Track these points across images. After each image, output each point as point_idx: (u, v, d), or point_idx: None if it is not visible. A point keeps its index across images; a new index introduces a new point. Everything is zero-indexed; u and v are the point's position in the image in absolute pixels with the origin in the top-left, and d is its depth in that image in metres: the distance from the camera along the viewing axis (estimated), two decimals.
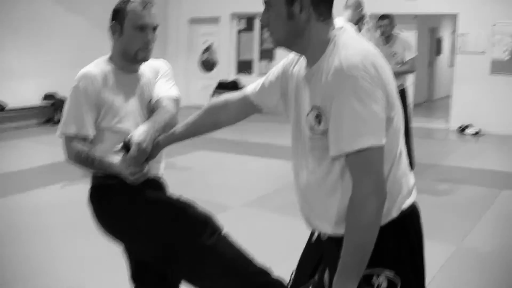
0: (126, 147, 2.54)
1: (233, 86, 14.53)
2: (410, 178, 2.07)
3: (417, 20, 14.14)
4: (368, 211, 1.81)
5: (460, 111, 12.06)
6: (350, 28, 2.04)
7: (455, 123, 12.15)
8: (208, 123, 2.55)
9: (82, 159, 2.69)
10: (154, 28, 2.80)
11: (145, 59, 2.82)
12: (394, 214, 1.97)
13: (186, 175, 7.73)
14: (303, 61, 2.10)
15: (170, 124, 2.72)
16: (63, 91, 12.54)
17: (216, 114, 2.51)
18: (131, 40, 2.75)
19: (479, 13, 11.68)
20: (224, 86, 14.51)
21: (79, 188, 6.88)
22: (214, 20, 14.91)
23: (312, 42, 1.97)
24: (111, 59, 2.86)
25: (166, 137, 2.64)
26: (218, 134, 2.57)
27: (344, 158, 1.88)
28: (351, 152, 1.82)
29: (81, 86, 2.71)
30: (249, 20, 14.91)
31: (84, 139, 2.73)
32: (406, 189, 2.03)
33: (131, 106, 2.82)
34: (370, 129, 1.81)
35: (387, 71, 1.90)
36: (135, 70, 2.88)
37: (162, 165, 2.93)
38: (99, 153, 2.70)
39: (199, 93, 15.27)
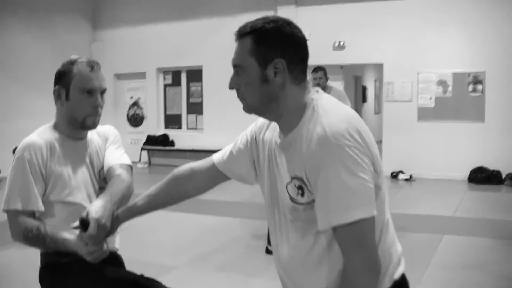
0: (83, 223, 2.27)
1: (163, 140, 14.30)
2: (398, 246, 1.95)
3: (343, 70, 14.37)
4: None
5: (391, 157, 12.20)
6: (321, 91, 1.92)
7: (387, 169, 12.29)
8: (172, 194, 2.34)
9: (31, 237, 2.42)
10: (103, 92, 2.60)
11: (94, 125, 2.61)
12: (387, 285, 1.83)
13: (123, 236, 7.34)
14: (275, 126, 1.96)
15: (127, 195, 2.51)
16: None
17: (182, 185, 2.31)
18: (79, 105, 2.54)
19: (403, 62, 11.96)
20: (154, 140, 14.27)
21: (11, 253, 6.62)
22: (140, 75, 14.73)
23: (288, 108, 1.84)
24: (55, 126, 2.64)
25: (125, 211, 2.40)
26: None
27: (330, 230, 1.74)
28: (341, 225, 1.68)
29: (25, 157, 2.47)
30: (175, 75, 14.80)
31: (32, 214, 2.47)
32: (396, 257, 1.90)
33: (82, 176, 2.60)
34: (360, 200, 1.67)
35: (370, 135, 1.79)
36: (83, 137, 2.67)
37: (118, 238, 2.70)
38: (50, 228, 2.43)
39: (129, 147, 14.94)
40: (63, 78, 2.57)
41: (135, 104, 15.10)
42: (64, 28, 14.44)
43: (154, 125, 14.85)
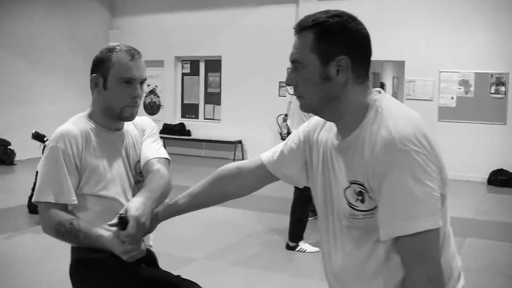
0: (122, 221, 2.16)
1: (180, 129, 14.22)
2: (458, 260, 1.85)
3: None
4: None
5: None
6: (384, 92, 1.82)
7: None
8: (216, 194, 2.24)
9: (64, 232, 2.31)
10: (142, 82, 2.48)
11: (132, 116, 2.50)
12: None
13: None
14: (331, 126, 1.86)
15: (166, 191, 2.40)
16: (1, 131, 12.26)
17: (227, 184, 2.20)
18: (117, 95, 2.42)
19: (425, 60, 11.79)
20: (170, 129, 14.19)
21: (27, 239, 6.57)
22: (157, 63, 14.64)
23: (349, 108, 1.74)
24: (91, 116, 2.53)
25: (166, 209, 2.30)
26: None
27: (390, 240, 1.65)
28: (405, 236, 1.58)
29: (60, 147, 2.36)
30: (194, 64, 14.69)
31: (65, 207, 2.37)
32: (457, 272, 1.80)
33: (117, 169, 2.49)
34: (426, 210, 1.58)
35: (436, 142, 1.69)
36: (119, 128, 2.56)
37: (152, 235, 2.57)
38: (83, 223, 2.33)
39: None
40: (101, 65, 2.45)
41: (152, 92, 15.01)
42: (82, 15, 14.39)
43: (171, 114, 14.76)
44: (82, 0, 14.36)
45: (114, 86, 2.43)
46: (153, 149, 2.59)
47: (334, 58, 1.71)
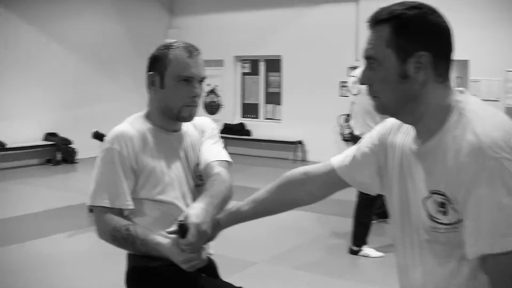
0: (182, 229, 2.02)
1: (239, 129, 14.15)
2: None
3: None
4: None
5: None
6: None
7: None
8: (282, 201, 2.07)
9: (120, 238, 2.20)
10: (201, 80, 2.35)
11: (191, 117, 2.38)
12: None
13: None
14: (408, 129, 1.68)
15: (227, 196, 2.25)
16: (63, 130, 12.43)
17: (294, 191, 2.03)
18: (175, 94, 2.31)
19: (490, 60, 11.37)
20: (230, 129, 14.13)
21: (88, 238, 6.58)
22: (217, 63, 14.59)
23: (429, 110, 1.57)
24: (148, 116, 2.41)
25: (228, 216, 2.16)
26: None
27: (476, 259, 1.46)
28: (493, 254, 1.40)
29: (115, 148, 2.25)
30: (254, 64, 14.60)
31: (120, 211, 2.27)
32: None
33: (176, 172, 2.37)
34: None
35: None
36: (178, 129, 2.44)
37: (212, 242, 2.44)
38: (140, 229, 2.21)
39: None
40: (157, 63, 2.34)
41: (212, 91, 14.97)
42: (142, 15, 14.46)
43: (230, 114, 14.69)
44: (142, 0, 14.44)
45: (172, 85, 2.32)
46: (213, 151, 2.45)
47: (413, 54, 1.54)
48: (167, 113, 2.36)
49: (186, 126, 2.48)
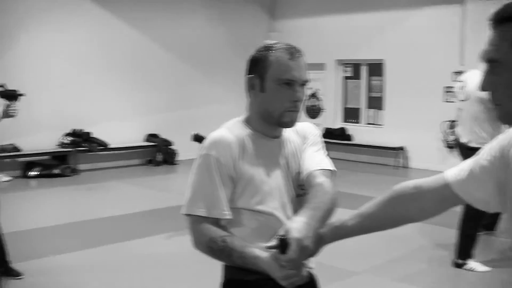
0: (282, 244, 1.90)
1: (340, 134, 13.94)
2: None
3: None
4: None
5: None
6: None
7: None
8: (392, 215, 1.91)
9: (216, 249, 2.10)
10: (303, 84, 2.22)
11: (292, 123, 2.24)
12: None
13: None
14: None
15: (331, 209, 2.10)
16: (164, 132, 12.72)
17: (404, 206, 1.86)
18: (275, 98, 2.18)
19: None
20: (331, 133, 13.93)
21: (186, 241, 6.49)
22: (318, 66, 14.43)
23: None
24: (247, 121, 2.30)
25: (332, 231, 2.01)
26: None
27: None
28: None
29: (213, 155, 2.15)
30: (356, 67, 14.35)
31: (216, 221, 2.17)
32: None
33: (276, 181, 2.24)
34: None
35: None
36: (278, 135, 2.31)
37: None
38: (237, 241, 2.10)
39: None
40: (257, 65, 2.22)
41: (313, 95, 14.83)
42: (243, 18, 14.57)
43: (331, 118, 14.49)
44: (243, 4, 14.55)
45: (272, 88, 2.19)
46: (316, 159, 2.30)
47: None
48: (267, 118, 2.24)
49: (287, 132, 2.35)
